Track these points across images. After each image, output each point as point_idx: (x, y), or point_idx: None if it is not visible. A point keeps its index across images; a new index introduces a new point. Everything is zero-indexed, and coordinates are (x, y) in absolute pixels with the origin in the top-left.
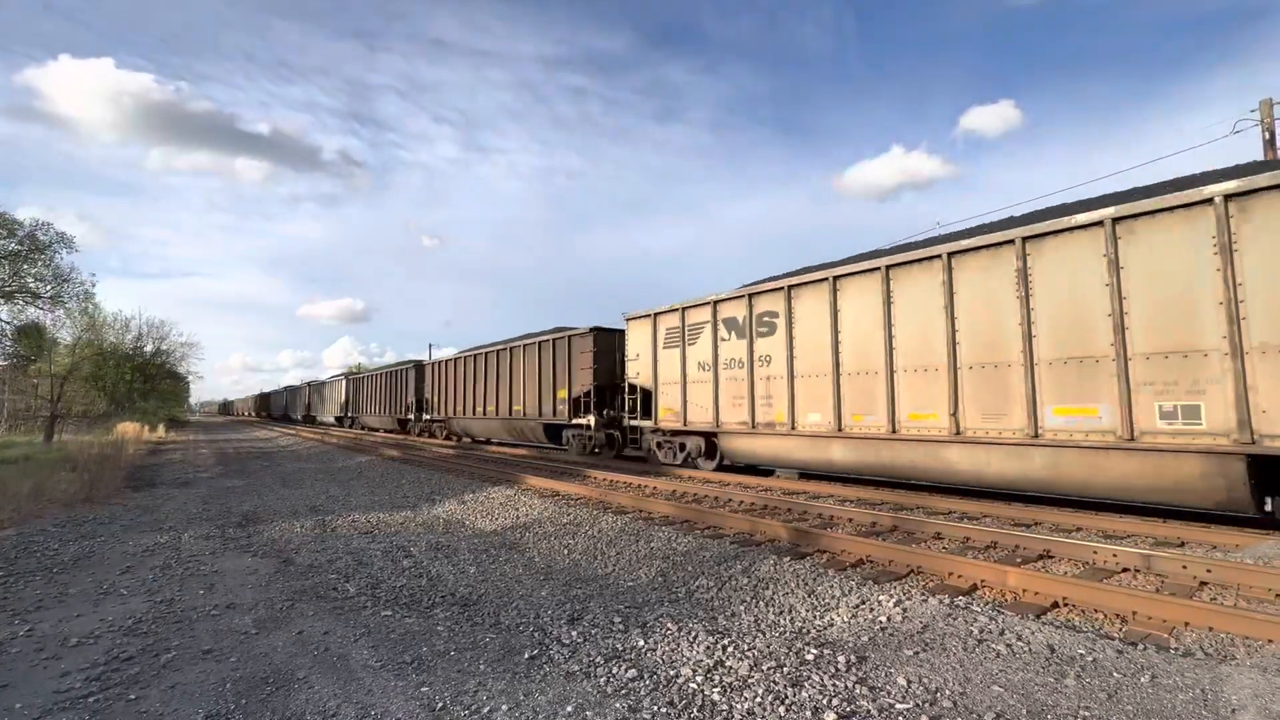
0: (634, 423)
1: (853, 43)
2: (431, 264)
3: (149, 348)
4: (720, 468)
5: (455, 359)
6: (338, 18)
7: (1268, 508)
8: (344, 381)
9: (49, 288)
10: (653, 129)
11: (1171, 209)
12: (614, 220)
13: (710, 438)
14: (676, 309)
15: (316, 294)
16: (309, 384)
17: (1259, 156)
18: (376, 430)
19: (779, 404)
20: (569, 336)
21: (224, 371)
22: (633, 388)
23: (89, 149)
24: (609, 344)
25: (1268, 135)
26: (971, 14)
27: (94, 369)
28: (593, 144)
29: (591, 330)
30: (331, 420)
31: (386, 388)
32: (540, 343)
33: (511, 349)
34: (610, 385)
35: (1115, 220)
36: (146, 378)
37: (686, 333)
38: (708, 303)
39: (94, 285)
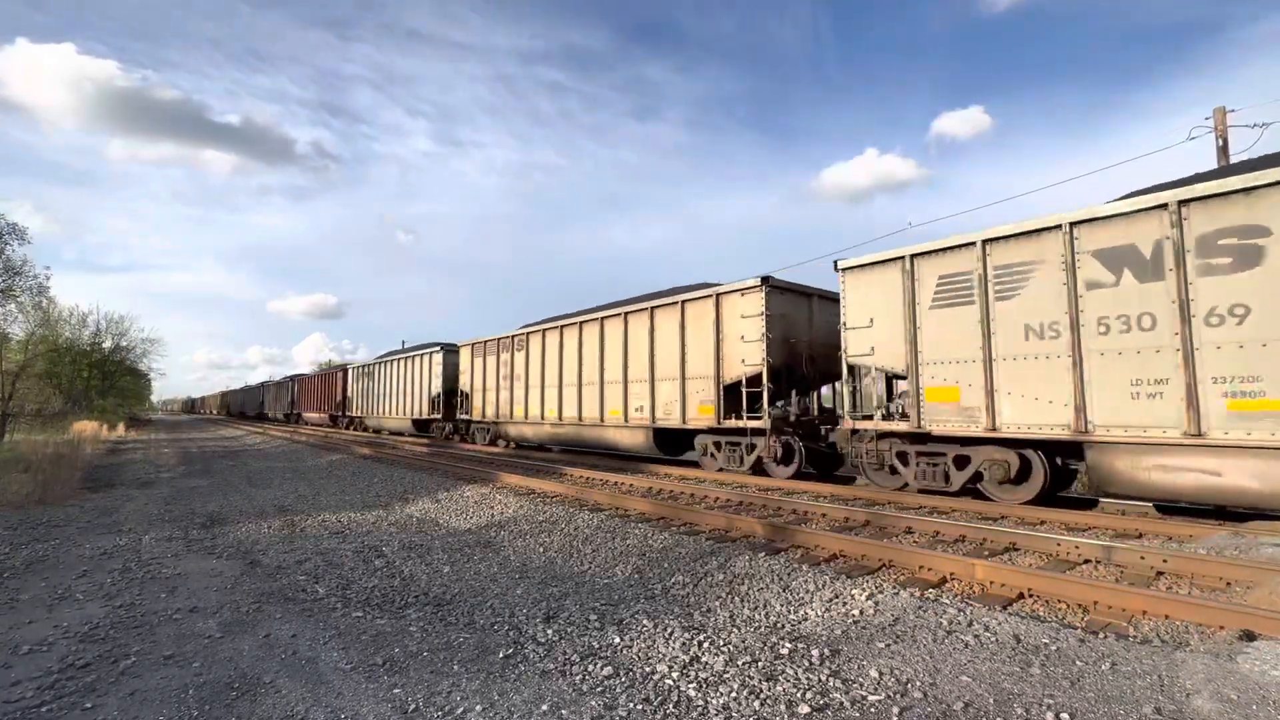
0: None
1: (829, 45)
2: (406, 259)
3: (108, 344)
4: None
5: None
6: (309, 5)
7: None
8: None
9: None
10: (631, 126)
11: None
12: (592, 217)
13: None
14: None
15: (287, 289)
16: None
17: (1213, 163)
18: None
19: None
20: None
21: (189, 368)
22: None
23: (48, 137)
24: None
25: (1220, 142)
26: (944, 21)
27: (49, 366)
28: (570, 140)
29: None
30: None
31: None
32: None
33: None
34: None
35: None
36: (105, 375)
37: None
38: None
39: (49, 279)
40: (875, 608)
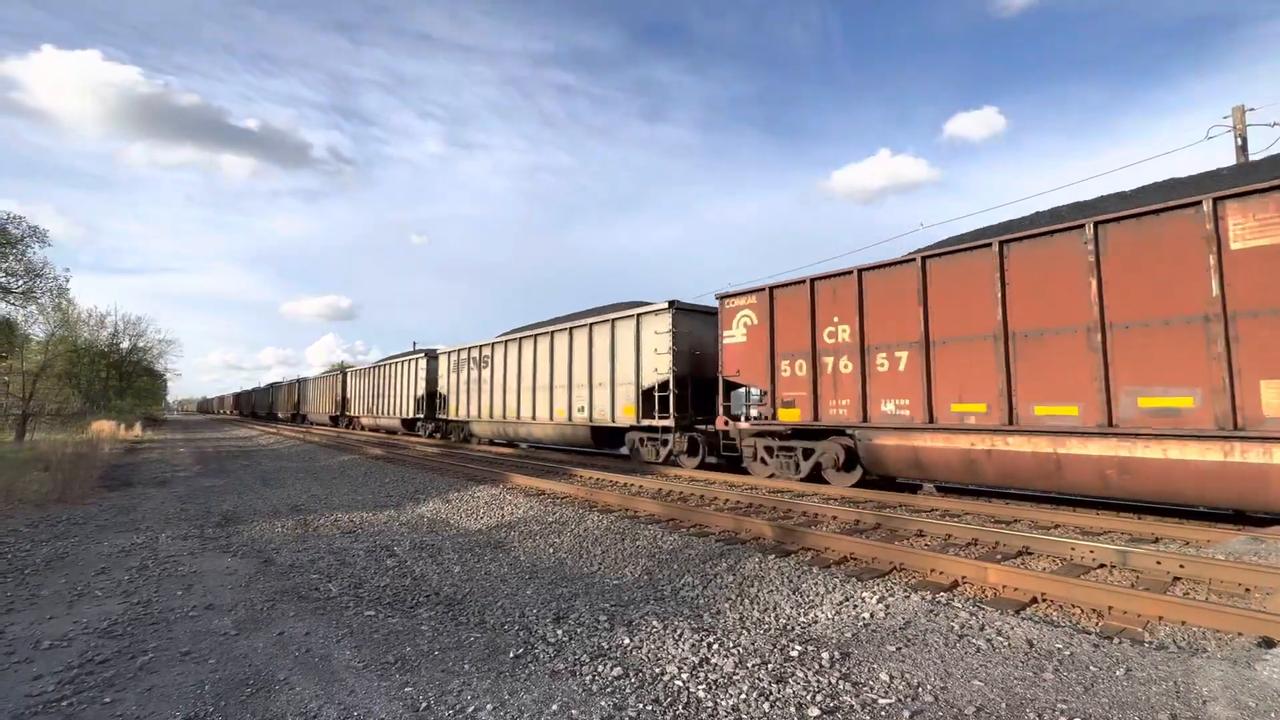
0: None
1: (839, 46)
2: (418, 261)
3: (125, 344)
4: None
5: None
6: (320, 9)
7: None
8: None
9: (21, 283)
10: (640, 128)
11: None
12: (601, 218)
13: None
14: (458, 350)
15: (300, 290)
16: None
17: (1232, 161)
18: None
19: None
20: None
21: (203, 369)
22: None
23: (71, 142)
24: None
25: (1239, 141)
26: (957, 21)
27: (68, 366)
28: (579, 142)
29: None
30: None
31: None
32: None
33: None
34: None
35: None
36: (122, 375)
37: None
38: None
39: (68, 281)
40: (886, 611)
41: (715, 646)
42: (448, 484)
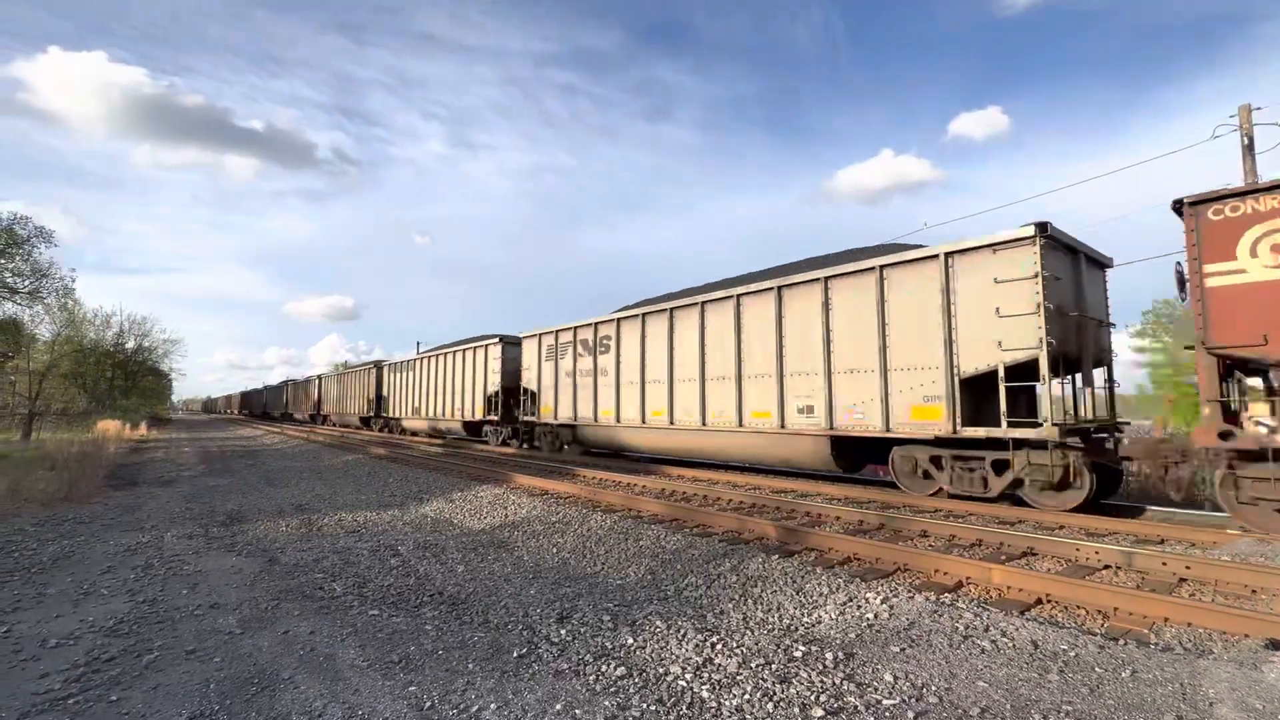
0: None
1: (843, 46)
2: (421, 261)
3: (130, 344)
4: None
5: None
6: (323, 10)
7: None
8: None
9: (27, 283)
10: (643, 128)
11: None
12: (604, 218)
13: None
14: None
15: (304, 290)
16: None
17: (1238, 161)
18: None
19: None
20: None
21: (208, 369)
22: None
23: (77, 143)
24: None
25: (1246, 141)
26: (960, 21)
27: (73, 366)
28: (582, 142)
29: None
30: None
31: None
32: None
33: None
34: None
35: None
36: (128, 375)
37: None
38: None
39: (74, 281)
40: (890, 611)
41: (719, 646)
42: (451, 483)
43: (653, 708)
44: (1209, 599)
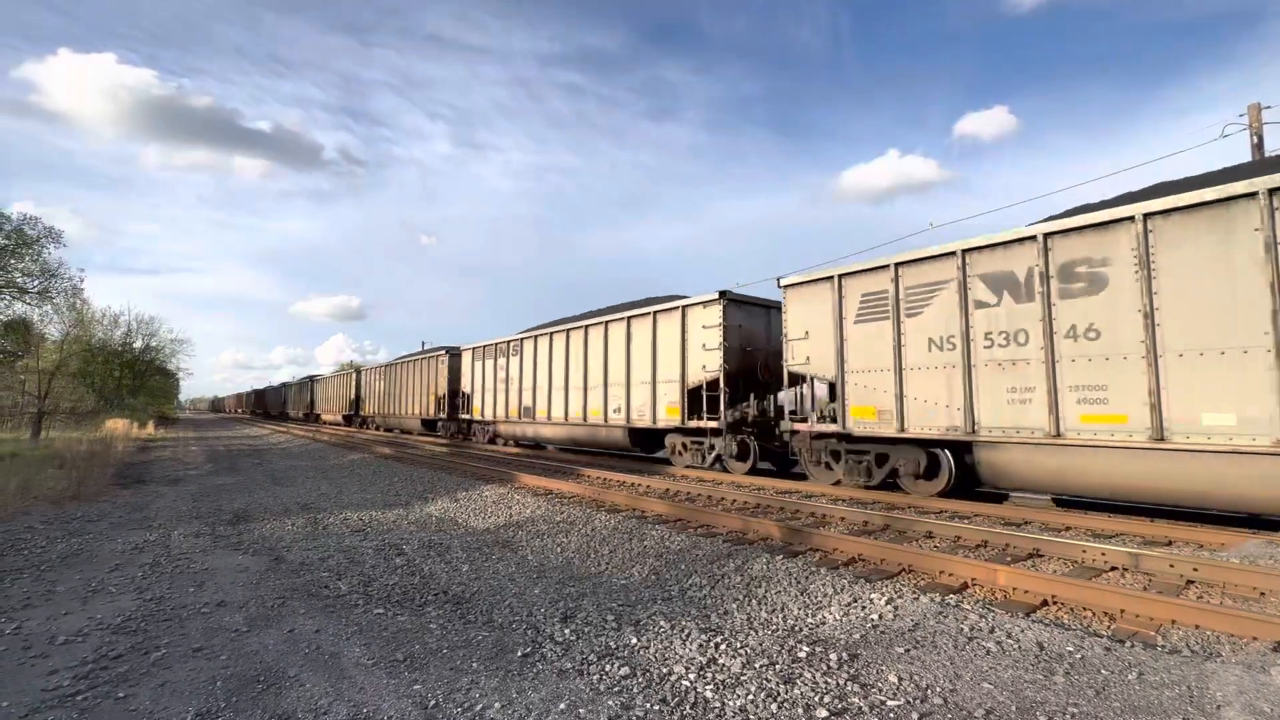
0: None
1: (849, 46)
2: (427, 262)
3: (138, 344)
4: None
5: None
6: (330, 12)
7: None
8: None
9: (37, 283)
10: (648, 128)
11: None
12: (608, 218)
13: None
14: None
15: (310, 290)
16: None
17: (1248, 160)
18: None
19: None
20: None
21: (215, 369)
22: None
23: (86, 144)
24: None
25: (1255, 139)
26: (967, 20)
27: (82, 365)
28: (587, 142)
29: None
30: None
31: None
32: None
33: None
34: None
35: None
36: (136, 374)
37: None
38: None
39: (82, 281)
40: (895, 612)
41: (723, 647)
42: (456, 483)
43: (656, 707)
44: (1217, 601)
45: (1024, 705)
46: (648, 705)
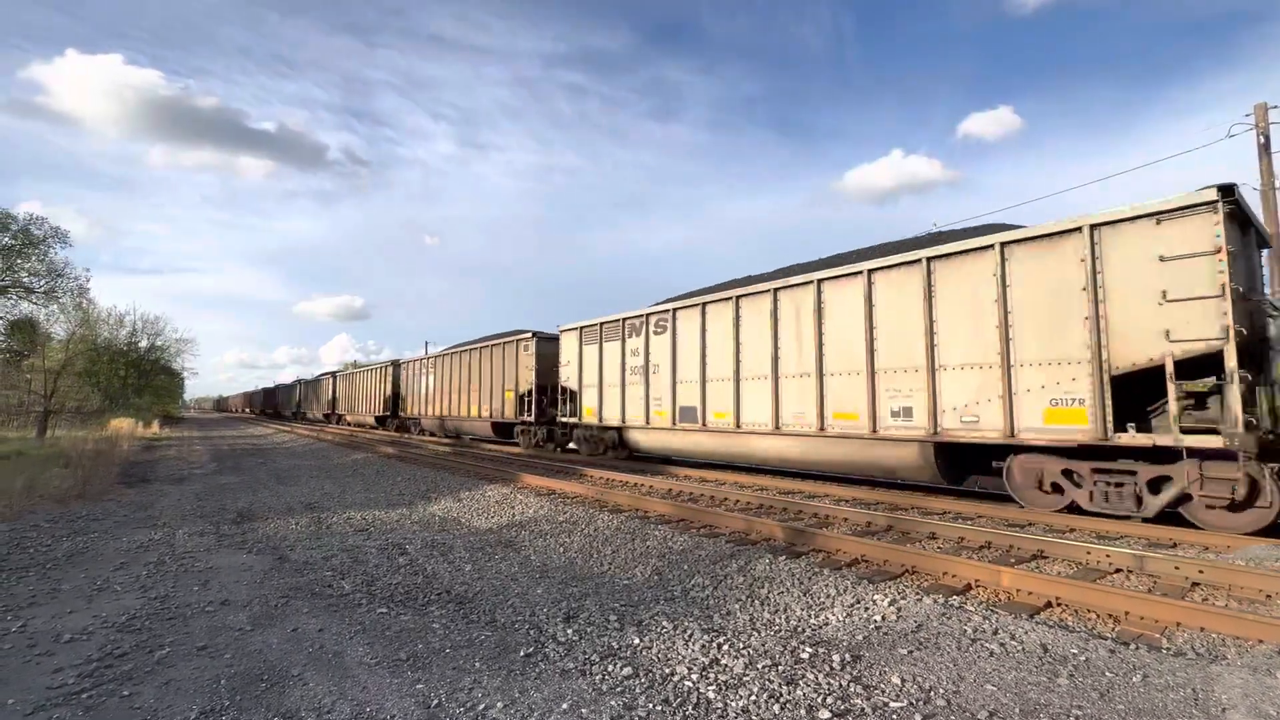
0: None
1: (852, 46)
2: (430, 261)
3: (143, 343)
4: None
5: None
6: (334, 13)
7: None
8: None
9: (43, 282)
10: (651, 128)
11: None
12: (612, 218)
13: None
14: (598, 324)
15: (314, 290)
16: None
17: (1254, 161)
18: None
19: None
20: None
21: (219, 368)
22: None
23: (92, 144)
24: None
25: (1262, 139)
26: (970, 20)
27: (88, 364)
28: (590, 142)
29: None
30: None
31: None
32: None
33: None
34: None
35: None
36: (141, 374)
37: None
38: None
39: (88, 280)
40: (898, 614)
41: (725, 647)
42: (459, 483)
43: (659, 708)
44: (1222, 604)
45: (1028, 707)
46: (650, 705)
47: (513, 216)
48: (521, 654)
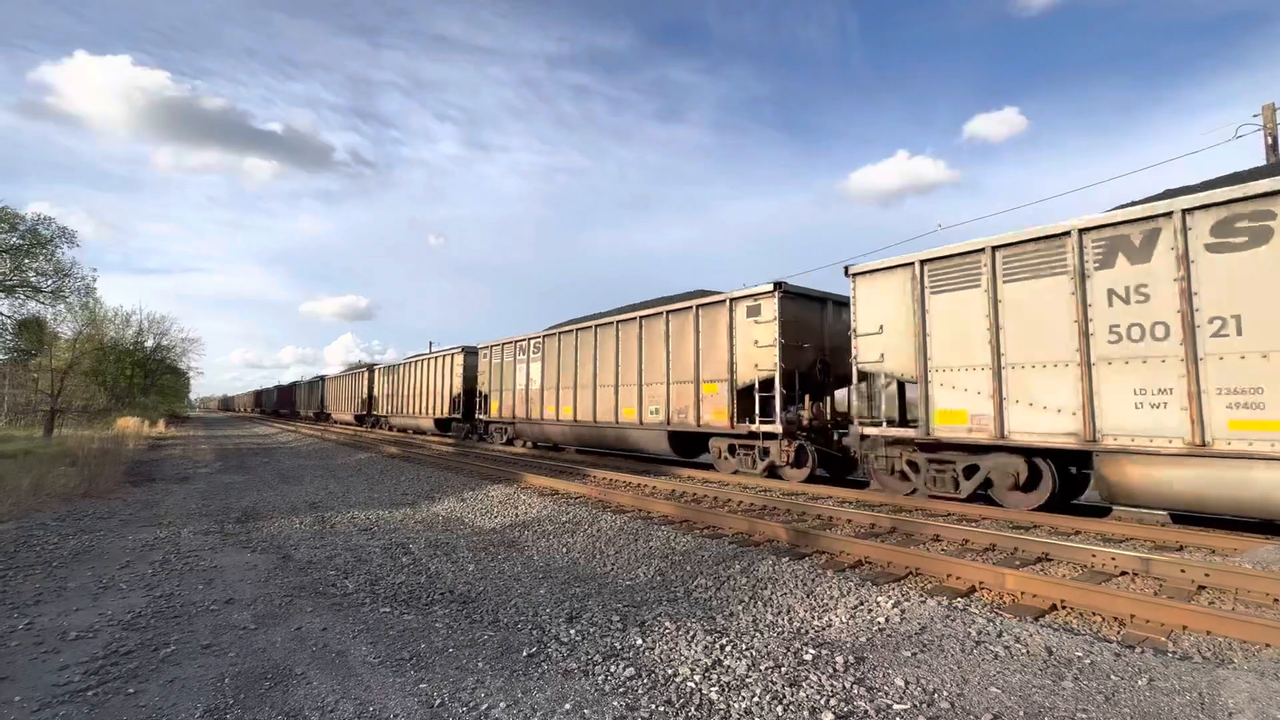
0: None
1: (857, 46)
2: (435, 262)
3: (150, 343)
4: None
5: None
6: (340, 14)
7: None
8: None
9: (50, 282)
10: (655, 128)
11: None
12: (615, 219)
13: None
14: (501, 344)
15: (319, 290)
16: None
17: (1261, 161)
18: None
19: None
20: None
21: (225, 368)
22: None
23: (99, 145)
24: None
25: (1270, 140)
26: (976, 21)
27: (94, 364)
28: (595, 142)
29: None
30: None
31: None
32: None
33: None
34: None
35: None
36: (147, 373)
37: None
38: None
39: (95, 280)
40: (901, 615)
41: (728, 649)
42: (463, 483)
43: (661, 708)
44: (1229, 607)
45: (1032, 710)
46: (653, 706)
47: (517, 217)
48: (524, 654)
